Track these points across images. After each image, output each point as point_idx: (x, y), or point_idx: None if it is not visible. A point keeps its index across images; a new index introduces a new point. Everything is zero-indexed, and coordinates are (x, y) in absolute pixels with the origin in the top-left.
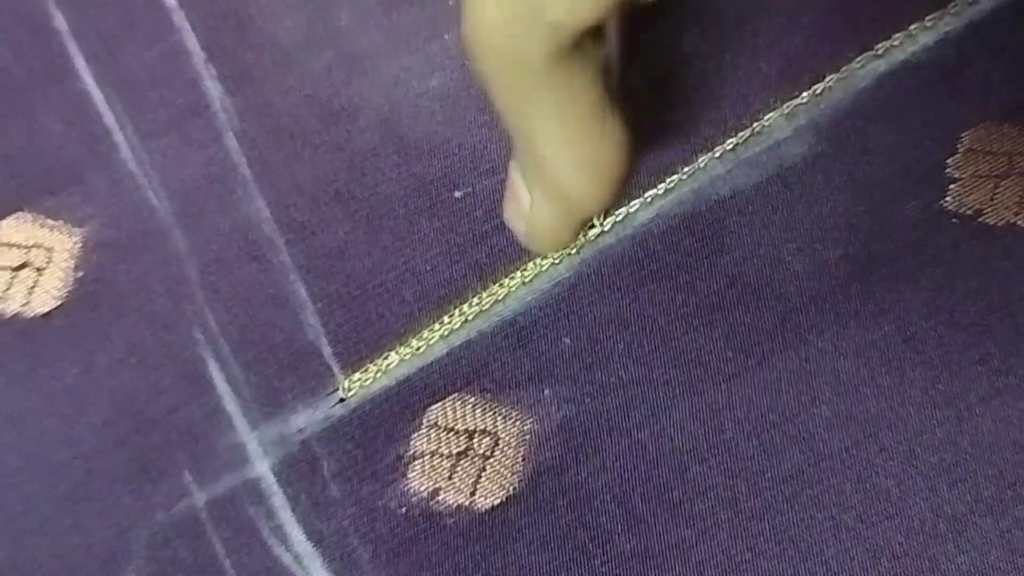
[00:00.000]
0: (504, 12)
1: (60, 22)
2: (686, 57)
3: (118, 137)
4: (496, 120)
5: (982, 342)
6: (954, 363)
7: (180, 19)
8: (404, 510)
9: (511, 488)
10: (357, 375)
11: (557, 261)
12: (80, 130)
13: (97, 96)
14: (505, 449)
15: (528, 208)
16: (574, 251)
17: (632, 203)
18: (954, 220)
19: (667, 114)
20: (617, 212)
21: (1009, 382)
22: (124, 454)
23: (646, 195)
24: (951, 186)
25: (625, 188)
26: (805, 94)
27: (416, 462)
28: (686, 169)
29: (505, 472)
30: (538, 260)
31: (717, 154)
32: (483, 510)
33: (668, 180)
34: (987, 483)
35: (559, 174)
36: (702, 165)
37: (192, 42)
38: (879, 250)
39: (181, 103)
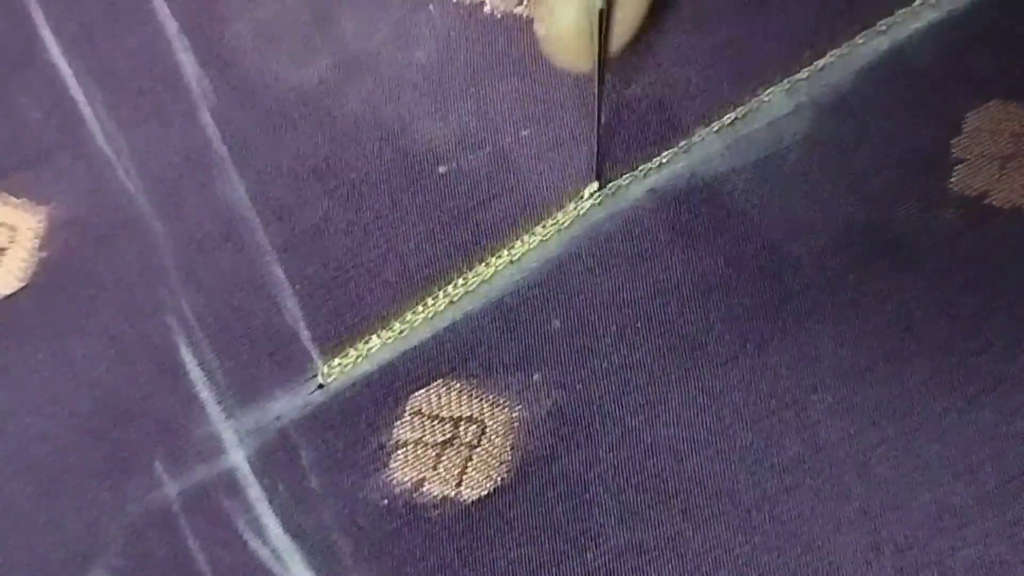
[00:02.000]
0: None
1: None
2: (685, 29)
3: (88, 114)
4: (482, 92)
5: (984, 331)
6: (956, 352)
7: None
8: (387, 502)
9: (499, 478)
10: (337, 360)
11: (546, 239)
12: (50, 108)
13: (66, 71)
14: (492, 437)
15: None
16: (564, 227)
17: (624, 176)
18: (958, 203)
19: (664, 86)
20: (609, 186)
21: (1012, 371)
22: (95, 445)
23: (639, 168)
24: (956, 167)
25: None
26: (806, 70)
27: (399, 451)
28: (682, 143)
29: (492, 462)
30: (526, 238)
31: (715, 128)
32: (469, 501)
33: (663, 153)
34: (991, 474)
35: None
36: (699, 139)
37: (166, 16)
38: (881, 234)
39: (155, 80)
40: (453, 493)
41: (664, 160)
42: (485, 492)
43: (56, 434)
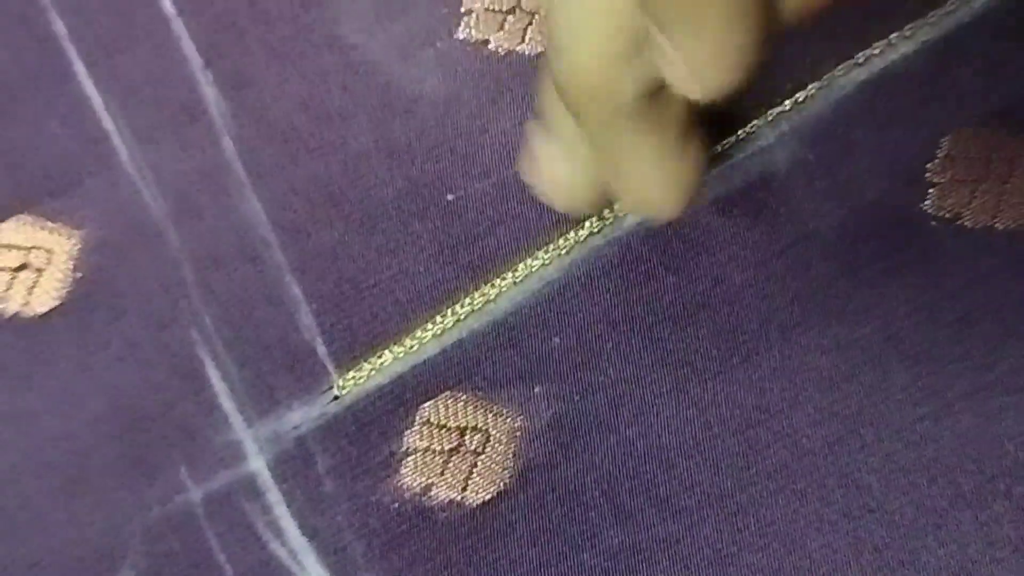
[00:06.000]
0: (601, 55)
1: (59, 26)
2: None
3: (116, 140)
4: (487, 125)
5: (963, 340)
6: (935, 360)
7: (178, 25)
8: (397, 505)
9: (502, 484)
10: (351, 373)
11: (547, 262)
12: (79, 134)
13: (96, 100)
14: (496, 446)
15: (549, 170)
16: (564, 253)
17: (621, 206)
18: (934, 223)
19: None
20: (606, 215)
21: (989, 378)
22: (120, 451)
23: None
24: (931, 190)
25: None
26: (787, 102)
27: (409, 458)
28: None
29: (496, 468)
30: (528, 261)
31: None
32: (474, 505)
33: None
34: (967, 478)
35: (643, 192)
36: None
37: (189, 47)
38: (862, 251)
39: (178, 107)
40: (459, 497)
41: None
42: (489, 496)
43: (81, 439)
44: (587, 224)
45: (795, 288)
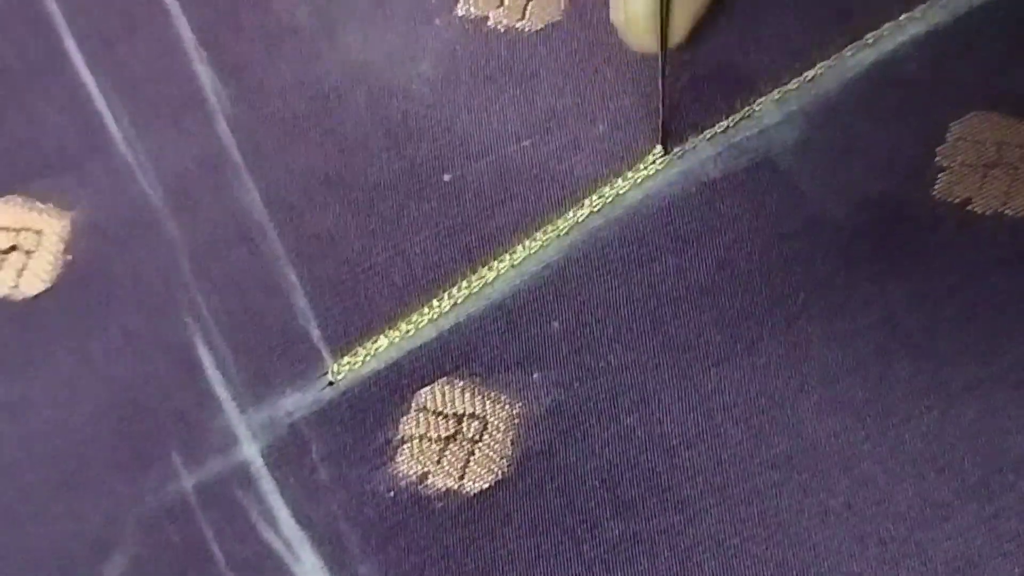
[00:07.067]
0: None
1: (55, 10)
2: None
3: (111, 123)
4: (486, 104)
5: (968, 330)
6: (940, 351)
7: (175, 9)
8: (393, 494)
9: (500, 472)
10: (346, 359)
11: (546, 244)
12: (74, 117)
13: (91, 84)
14: (494, 433)
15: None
16: (563, 234)
17: (621, 183)
18: (942, 209)
19: (658, 95)
20: (607, 192)
21: (994, 370)
22: (115, 438)
23: (636, 175)
24: (940, 175)
25: None
26: (795, 81)
27: (405, 446)
28: (675, 149)
29: (494, 456)
30: (527, 243)
31: (707, 136)
32: (472, 494)
33: (658, 160)
34: (972, 470)
35: None
36: (691, 146)
37: (185, 31)
38: (869, 238)
39: (174, 90)
40: (456, 486)
41: (659, 167)
42: (487, 485)
43: (76, 427)
44: (587, 203)
45: (801, 275)
